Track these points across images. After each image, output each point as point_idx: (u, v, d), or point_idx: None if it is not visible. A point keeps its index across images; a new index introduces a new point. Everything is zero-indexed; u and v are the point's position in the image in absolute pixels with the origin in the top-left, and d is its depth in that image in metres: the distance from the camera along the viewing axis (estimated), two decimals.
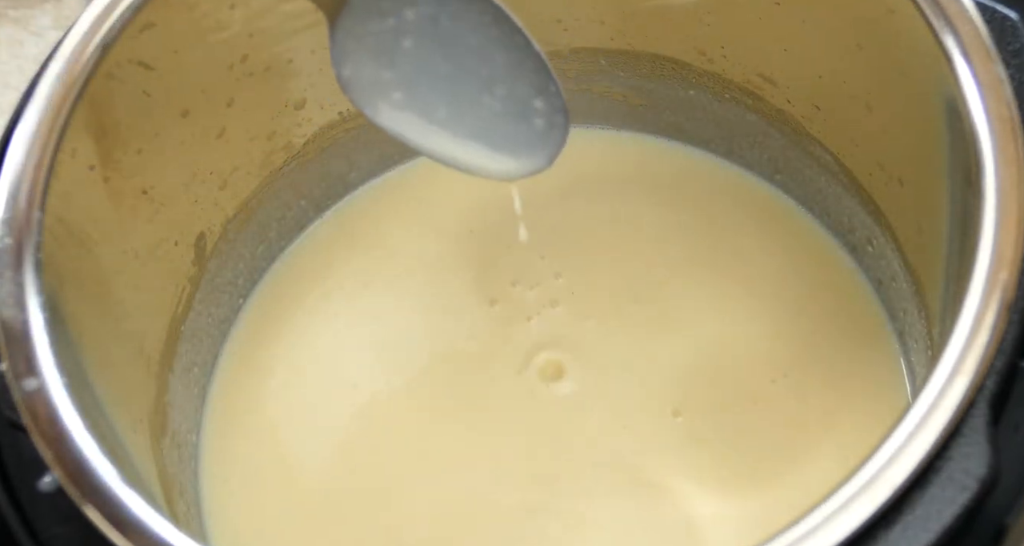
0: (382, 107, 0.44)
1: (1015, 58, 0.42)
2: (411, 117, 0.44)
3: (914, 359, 0.51)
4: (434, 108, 0.44)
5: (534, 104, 0.44)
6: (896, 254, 0.52)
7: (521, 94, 0.44)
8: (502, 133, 0.44)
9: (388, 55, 0.44)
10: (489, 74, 0.44)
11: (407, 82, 0.44)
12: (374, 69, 0.44)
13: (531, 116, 0.44)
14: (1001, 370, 0.37)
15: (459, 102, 0.44)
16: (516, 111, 0.44)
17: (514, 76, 0.44)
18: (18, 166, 0.42)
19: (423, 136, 0.45)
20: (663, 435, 0.51)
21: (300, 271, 0.58)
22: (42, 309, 0.40)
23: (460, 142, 0.45)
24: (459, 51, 0.44)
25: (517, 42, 0.44)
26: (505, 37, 0.43)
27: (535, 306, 0.55)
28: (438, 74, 0.44)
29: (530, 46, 0.44)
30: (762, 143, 0.56)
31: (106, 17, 0.45)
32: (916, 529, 0.35)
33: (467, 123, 0.44)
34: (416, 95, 0.44)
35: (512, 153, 0.45)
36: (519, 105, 0.44)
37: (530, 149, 0.45)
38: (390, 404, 0.54)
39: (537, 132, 0.45)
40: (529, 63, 0.44)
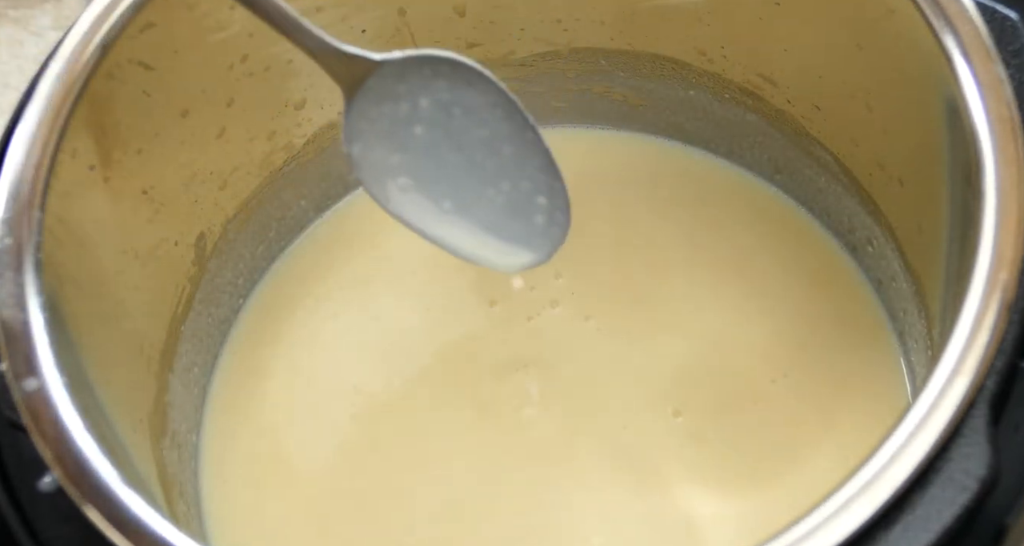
0: (388, 188, 0.45)
1: (1015, 58, 0.42)
2: (415, 203, 0.45)
3: (914, 359, 0.51)
4: (439, 196, 0.45)
5: (537, 200, 0.45)
6: (896, 254, 0.52)
7: (525, 189, 0.45)
8: (504, 226, 0.45)
9: (399, 139, 0.44)
10: (496, 167, 0.44)
11: (415, 168, 0.44)
12: (384, 151, 0.44)
13: (533, 212, 0.45)
14: (1001, 370, 0.37)
15: (464, 192, 0.45)
16: (519, 206, 0.45)
17: (520, 171, 0.44)
18: (18, 166, 0.42)
19: (425, 222, 0.45)
20: (663, 435, 0.51)
21: (300, 271, 0.58)
22: (42, 309, 0.40)
23: (462, 231, 0.45)
24: (469, 142, 0.44)
25: (527, 138, 0.44)
26: (516, 132, 0.44)
27: (535, 306, 0.55)
28: (446, 163, 0.44)
29: (539, 143, 0.44)
30: (762, 143, 0.56)
31: (106, 17, 0.45)
32: (916, 529, 0.35)
33: (470, 214, 0.45)
34: (422, 182, 0.45)
35: (512, 246, 0.46)
36: (523, 200, 0.45)
37: (530, 243, 0.46)
38: (390, 404, 0.54)
39: (537, 228, 0.45)
40: (536, 160, 0.44)
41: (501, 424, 0.53)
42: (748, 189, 0.58)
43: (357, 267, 0.58)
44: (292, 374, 0.55)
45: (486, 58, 0.56)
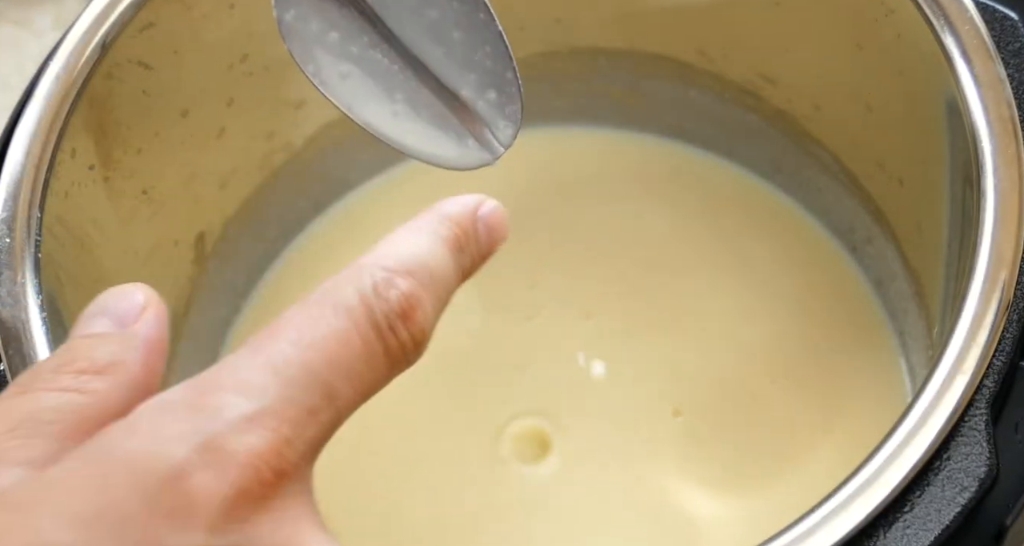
0: (326, 71, 0.41)
1: (1015, 58, 0.42)
2: (359, 93, 0.41)
3: (914, 359, 0.51)
4: (387, 87, 0.41)
5: (487, 95, 0.41)
6: (896, 254, 0.52)
7: (472, 82, 0.41)
8: (451, 122, 0.41)
9: (338, 14, 0.41)
10: (443, 56, 0.41)
11: (352, 48, 0.41)
12: (320, 25, 0.41)
13: (483, 107, 0.41)
14: (1001, 370, 0.37)
15: (410, 83, 0.41)
16: (468, 100, 0.41)
17: (469, 60, 0.41)
18: (18, 166, 0.43)
19: (370, 114, 0.41)
20: (663, 434, 0.51)
21: (300, 271, 0.58)
22: (42, 309, 0.40)
23: (411, 126, 0.41)
24: (415, 24, 0.41)
25: (478, 20, 0.41)
26: (467, 14, 0.41)
27: (535, 306, 0.55)
28: (389, 48, 0.41)
29: (492, 25, 0.41)
30: (762, 143, 0.56)
31: (106, 17, 0.45)
32: (916, 529, 0.35)
33: (418, 106, 0.41)
34: (365, 69, 0.41)
35: (461, 143, 0.42)
36: (472, 94, 0.41)
37: (479, 141, 0.42)
38: (388, 404, 0.54)
39: (487, 125, 0.41)
40: (488, 46, 0.41)
41: (500, 424, 0.53)
42: (748, 189, 0.58)
43: None
44: None
45: None
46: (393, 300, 0.29)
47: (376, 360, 0.28)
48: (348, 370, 0.28)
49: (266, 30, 0.51)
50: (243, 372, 0.27)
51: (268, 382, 0.27)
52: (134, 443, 0.25)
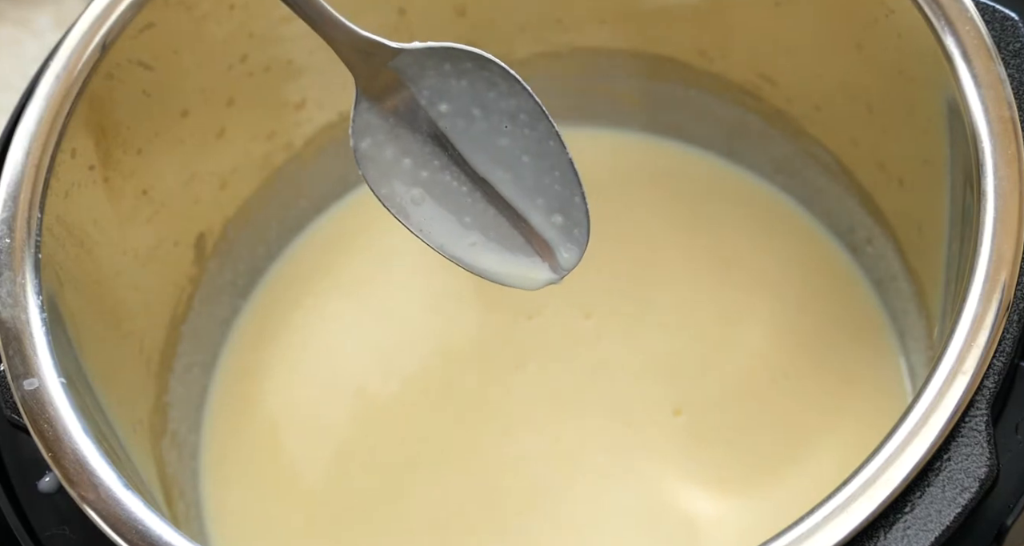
0: (400, 198, 0.41)
1: (1015, 58, 0.42)
2: (432, 217, 0.41)
3: (914, 359, 0.51)
4: (457, 211, 0.42)
5: (553, 219, 0.41)
6: (896, 254, 0.52)
7: (541, 206, 0.41)
8: (519, 244, 0.42)
9: (412, 141, 0.41)
10: (513, 180, 0.41)
11: (423, 172, 0.41)
12: (394, 152, 0.41)
13: (549, 230, 0.42)
14: (1001, 370, 0.37)
15: (479, 206, 0.41)
16: (535, 223, 0.41)
17: (538, 185, 0.41)
18: (18, 166, 0.43)
19: (443, 238, 0.42)
20: (664, 434, 0.51)
21: (300, 271, 0.58)
22: (42, 309, 0.40)
23: (482, 249, 0.42)
24: (487, 149, 0.41)
25: (548, 148, 0.41)
26: (538, 141, 0.41)
27: (535, 306, 0.55)
28: (461, 172, 0.41)
29: (562, 153, 0.41)
30: (762, 143, 0.56)
31: (106, 17, 0.45)
32: (916, 529, 0.35)
33: (488, 230, 0.42)
34: (435, 193, 0.41)
35: (528, 264, 0.42)
36: (539, 218, 0.41)
37: (545, 262, 0.42)
38: (389, 404, 0.54)
39: (553, 247, 0.42)
40: (557, 172, 0.41)
41: (501, 424, 0.53)
42: (748, 189, 0.58)
43: (357, 267, 0.58)
44: (292, 374, 0.55)
45: None
46: None
47: None
48: None
49: (266, 31, 0.51)
50: None
51: None
52: None
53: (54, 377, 0.39)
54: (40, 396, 0.39)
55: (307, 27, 0.52)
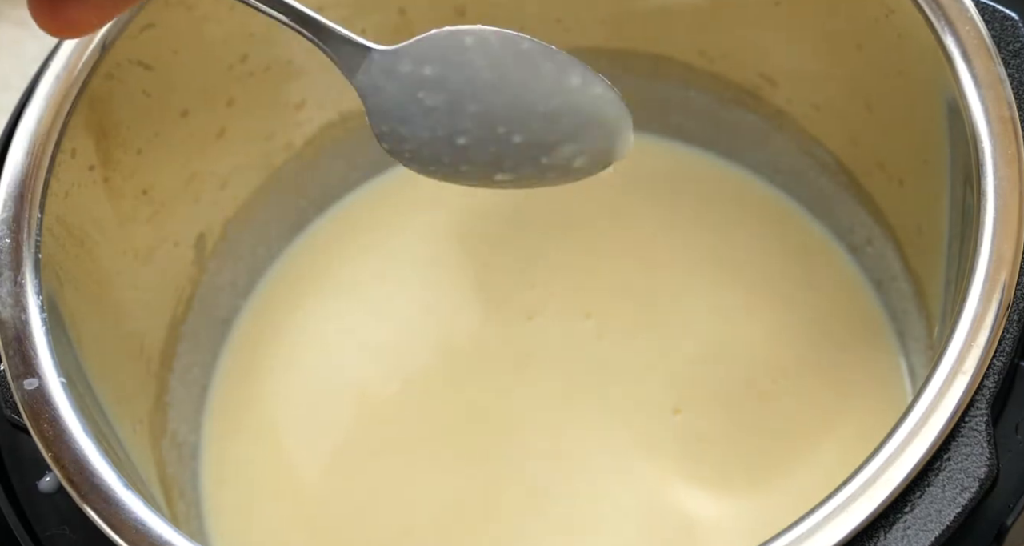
0: (446, 151, 0.40)
1: (1015, 58, 0.42)
2: (477, 157, 0.40)
3: (914, 359, 0.51)
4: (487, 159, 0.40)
5: (594, 90, 0.41)
6: (896, 254, 0.52)
7: (577, 86, 0.40)
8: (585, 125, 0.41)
9: (428, 107, 0.40)
10: (545, 87, 0.40)
11: (457, 124, 0.40)
12: (410, 128, 0.40)
13: (598, 102, 0.41)
14: (1001, 370, 0.37)
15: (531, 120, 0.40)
16: (585, 103, 0.40)
17: (564, 78, 0.40)
18: (18, 166, 0.43)
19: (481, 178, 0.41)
20: (663, 433, 0.51)
21: (300, 271, 0.58)
22: (42, 309, 0.40)
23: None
24: (504, 81, 0.40)
25: (559, 59, 0.40)
26: (542, 56, 0.40)
27: (535, 306, 0.55)
28: (489, 112, 0.40)
29: (570, 58, 0.40)
30: (762, 143, 0.56)
31: None
32: (916, 529, 0.35)
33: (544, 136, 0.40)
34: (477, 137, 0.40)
35: (606, 136, 0.41)
36: (583, 97, 0.40)
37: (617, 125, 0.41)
38: (389, 404, 0.54)
39: (611, 108, 0.41)
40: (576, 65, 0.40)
41: (500, 423, 0.53)
42: (748, 189, 0.58)
43: (357, 267, 0.58)
44: (292, 374, 0.55)
45: None
46: None
47: None
48: None
49: (266, 31, 0.51)
50: None
51: None
52: None
53: (54, 377, 0.39)
54: (40, 396, 0.39)
55: None
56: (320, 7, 0.51)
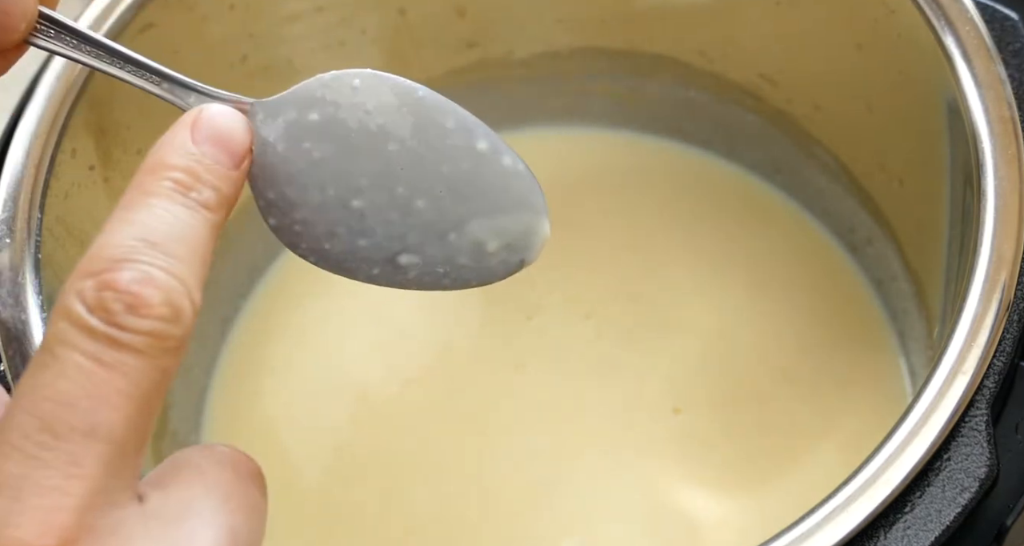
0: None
1: (1015, 58, 0.42)
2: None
3: (914, 359, 0.51)
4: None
5: (503, 161, 0.35)
6: (896, 254, 0.52)
7: (486, 152, 0.35)
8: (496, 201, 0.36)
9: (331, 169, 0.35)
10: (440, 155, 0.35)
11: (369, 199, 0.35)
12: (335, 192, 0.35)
13: (502, 169, 0.35)
14: (1001, 370, 0.37)
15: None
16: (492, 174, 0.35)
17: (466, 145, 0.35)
18: (18, 166, 0.42)
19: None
20: (664, 432, 0.51)
21: (300, 271, 0.58)
22: (42, 309, 0.40)
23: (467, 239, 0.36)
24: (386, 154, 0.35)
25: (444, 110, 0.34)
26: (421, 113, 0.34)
27: (535, 306, 0.55)
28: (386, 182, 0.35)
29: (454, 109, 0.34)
30: (762, 143, 0.56)
31: (106, 17, 0.45)
32: (916, 529, 0.35)
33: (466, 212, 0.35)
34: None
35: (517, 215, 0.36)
36: (491, 168, 0.35)
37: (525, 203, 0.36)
38: (390, 404, 0.54)
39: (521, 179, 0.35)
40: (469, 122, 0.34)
41: (500, 423, 0.53)
42: (748, 189, 0.58)
43: None
44: (292, 374, 0.55)
45: (486, 58, 0.56)
46: (112, 304, 0.26)
47: (126, 367, 0.26)
48: (95, 398, 0.25)
49: (266, 31, 0.51)
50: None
51: (16, 464, 0.25)
52: None
53: None
54: None
55: (307, 28, 0.52)
56: (320, 7, 0.52)
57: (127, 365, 0.26)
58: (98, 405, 0.26)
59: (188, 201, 0.29)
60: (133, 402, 0.26)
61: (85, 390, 0.26)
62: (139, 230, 0.28)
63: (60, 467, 0.25)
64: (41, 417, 0.25)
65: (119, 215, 0.28)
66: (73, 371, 0.25)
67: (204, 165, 0.30)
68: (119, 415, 0.26)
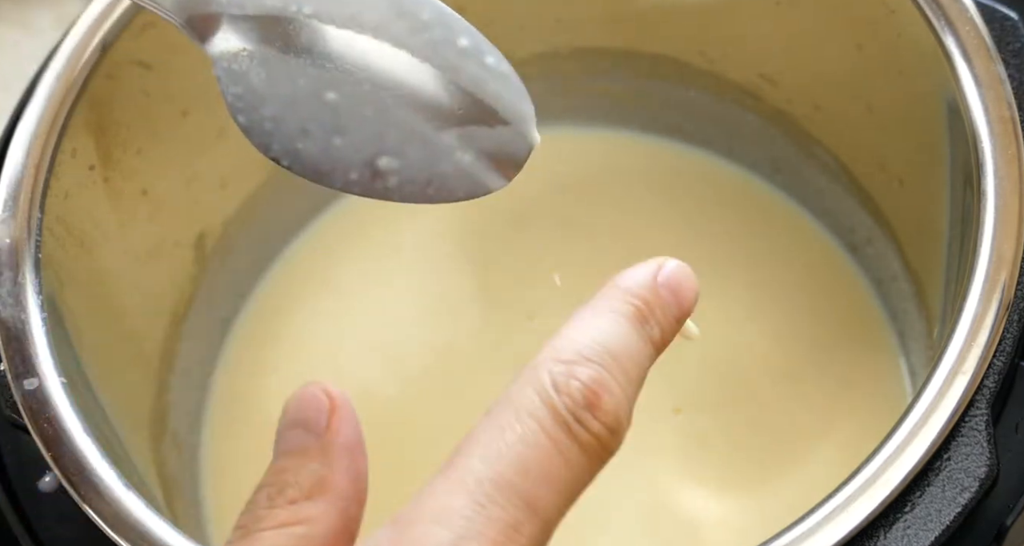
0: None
1: (1015, 58, 0.42)
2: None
3: (914, 359, 0.51)
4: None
5: (484, 59, 0.33)
6: (896, 254, 0.52)
7: (463, 47, 0.33)
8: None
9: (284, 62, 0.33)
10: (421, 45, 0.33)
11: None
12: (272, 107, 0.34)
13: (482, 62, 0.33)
14: (1001, 370, 0.37)
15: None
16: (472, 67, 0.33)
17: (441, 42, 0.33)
18: (18, 166, 0.43)
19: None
20: (664, 432, 0.51)
21: (300, 271, 0.58)
22: (42, 309, 0.40)
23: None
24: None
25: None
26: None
27: (535, 306, 0.55)
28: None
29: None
30: (762, 143, 0.56)
31: (106, 17, 0.45)
32: (916, 529, 0.35)
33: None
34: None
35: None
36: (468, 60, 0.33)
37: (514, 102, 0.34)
38: (389, 404, 0.54)
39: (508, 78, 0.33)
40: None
41: None
42: (748, 189, 0.58)
43: (357, 267, 0.58)
44: (292, 374, 0.55)
45: None
46: (575, 392, 0.28)
47: (572, 458, 0.28)
48: (544, 475, 0.27)
49: None
50: (439, 498, 0.28)
51: (463, 504, 0.27)
52: None
53: (54, 377, 0.39)
54: (40, 396, 0.39)
55: None
56: None
57: (574, 456, 0.28)
58: (546, 483, 0.27)
59: (643, 330, 0.31)
60: (567, 493, 0.28)
61: (540, 465, 0.27)
62: (605, 338, 0.30)
63: (503, 526, 0.26)
64: (498, 473, 0.27)
65: (587, 316, 0.31)
66: (533, 442, 0.27)
67: (661, 305, 0.33)
68: (558, 499, 0.28)
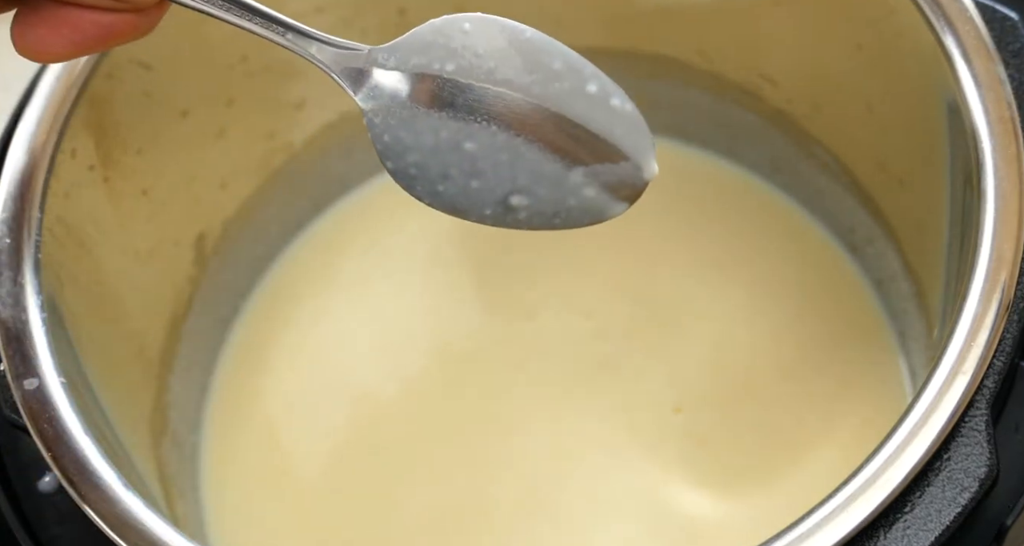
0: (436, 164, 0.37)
1: (1015, 58, 0.42)
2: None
3: (914, 359, 0.51)
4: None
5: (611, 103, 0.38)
6: (896, 254, 0.52)
7: (595, 94, 0.38)
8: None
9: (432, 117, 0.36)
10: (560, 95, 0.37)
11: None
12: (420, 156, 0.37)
13: (613, 107, 0.38)
14: (1001, 370, 0.37)
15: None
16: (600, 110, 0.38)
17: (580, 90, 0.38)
18: (18, 166, 0.43)
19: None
20: (664, 432, 0.51)
21: (300, 271, 0.58)
22: (42, 309, 0.40)
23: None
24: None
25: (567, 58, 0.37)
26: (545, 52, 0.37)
27: (535, 306, 0.55)
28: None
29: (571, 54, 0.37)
30: (762, 143, 0.56)
31: None
32: (916, 529, 0.35)
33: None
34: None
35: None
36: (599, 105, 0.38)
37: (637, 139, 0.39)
38: (389, 404, 0.54)
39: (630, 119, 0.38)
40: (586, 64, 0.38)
41: (501, 423, 0.53)
42: (748, 189, 0.58)
43: (357, 267, 0.58)
44: (292, 374, 0.55)
45: None
46: None
47: None
48: None
49: None
50: None
51: None
52: None
53: (54, 377, 0.39)
54: (40, 396, 0.39)
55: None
56: (320, 8, 0.52)
57: None
58: None
59: None
60: None
61: None
62: None
63: None
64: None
65: None
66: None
67: None
68: None
